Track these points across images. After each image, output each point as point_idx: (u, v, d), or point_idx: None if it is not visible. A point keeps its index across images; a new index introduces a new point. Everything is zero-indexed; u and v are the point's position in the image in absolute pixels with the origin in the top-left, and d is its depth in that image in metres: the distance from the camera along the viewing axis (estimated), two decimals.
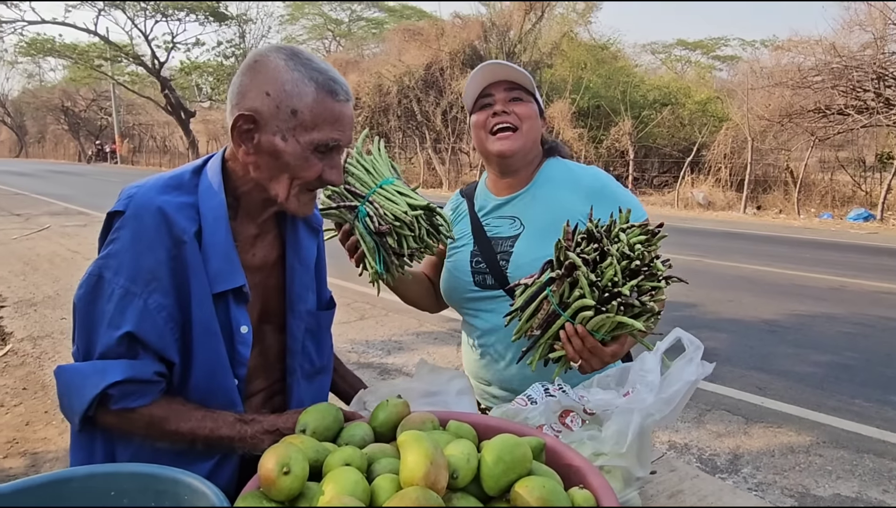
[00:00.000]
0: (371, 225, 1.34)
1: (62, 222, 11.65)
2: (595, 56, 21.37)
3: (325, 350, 1.26)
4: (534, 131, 1.45)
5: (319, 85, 1.02)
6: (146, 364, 1.01)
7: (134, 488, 0.87)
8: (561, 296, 1.14)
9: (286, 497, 0.71)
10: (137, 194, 1.03)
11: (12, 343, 4.74)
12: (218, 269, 1.03)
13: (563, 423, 1.04)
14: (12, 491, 0.83)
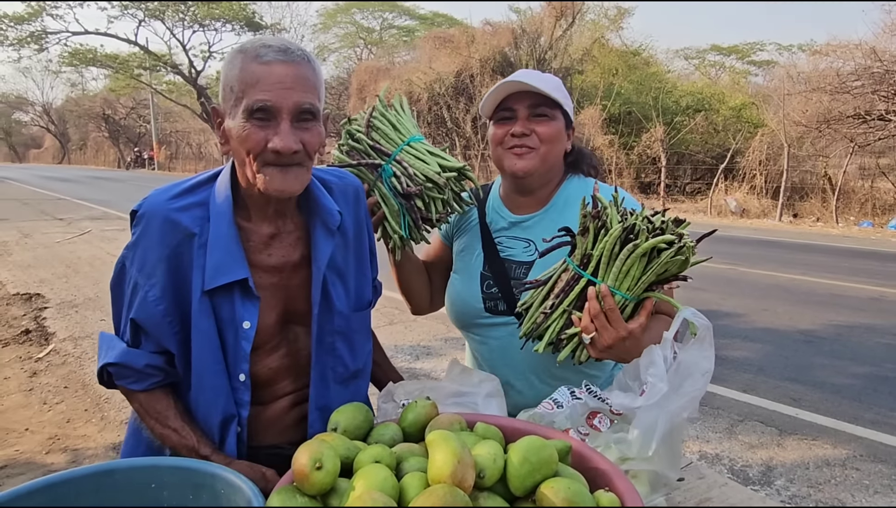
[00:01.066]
0: (399, 186, 1.29)
1: (102, 226, 11.98)
2: (626, 62, 21.22)
3: (360, 354, 1.24)
4: (555, 152, 1.38)
5: (246, 53, 1.03)
6: (140, 355, 1.09)
7: (174, 481, 0.91)
8: (583, 253, 1.13)
9: (318, 491, 0.74)
10: (151, 196, 1.11)
11: (55, 343, 4.90)
12: (218, 262, 1.06)
13: (591, 425, 1.04)
14: (60, 481, 0.87)
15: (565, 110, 1.39)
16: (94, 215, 13.86)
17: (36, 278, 7.22)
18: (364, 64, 27.65)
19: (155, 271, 1.06)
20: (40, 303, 6.15)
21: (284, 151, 1.02)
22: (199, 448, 1.08)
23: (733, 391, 3.82)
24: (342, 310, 1.19)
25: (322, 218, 1.15)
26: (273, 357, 1.14)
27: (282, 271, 1.14)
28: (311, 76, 1.05)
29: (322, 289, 1.15)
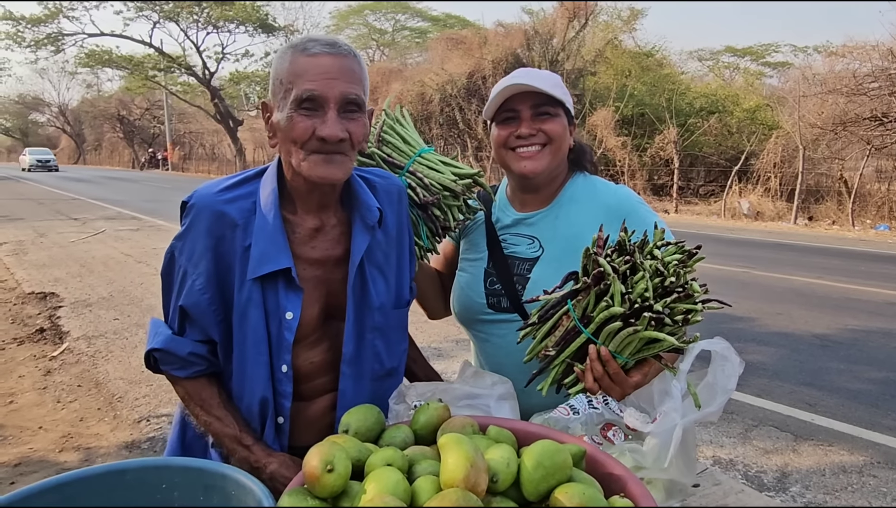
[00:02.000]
0: (415, 197, 1.29)
1: (116, 226, 12.08)
2: (640, 63, 21.13)
3: (396, 352, 1.24)
4: (563, 150, 1.38)
5: (294, 48, 1.06)
6: (184, 343, 1.11)
7: (184, 481, 0.90)
8: (584, 310, 1.08)
9: (329, 493, 0.73)
10: (201, 189, 1.13)
11: (68, 342, 4.94)
12: (263, 252, 1.07)
13: (605, 436, 1.03)
14: (73, 480, 0.87)
15: (567, 108, 1.38)
16: (108, 215, 13.99)
17: (51, 278, 7.29)
18: (376, 65, 27.72)
19: (202, 261, 1.09)
20: (55, 302, 6.21)
21: (331, 139, 1.04)
22: (242, 438, 1.09)
23: (748, 395, 3.78)
24: (381, 306, 1.19)
25: (361, 214, 1.16)
26: (315, 351, 1.15)
27: (324, 265, 1.15)
28: (357, 69, 1.08)
29: (361, 284, 1.16)
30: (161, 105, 41.17)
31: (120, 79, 42.18)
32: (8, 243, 9.95)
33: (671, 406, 0.99)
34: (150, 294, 6.37)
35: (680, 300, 1.07)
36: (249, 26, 31.50)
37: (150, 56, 33.21)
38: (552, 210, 1.40)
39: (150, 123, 46.69)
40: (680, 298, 1.07)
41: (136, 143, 48.42)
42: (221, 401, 1.12)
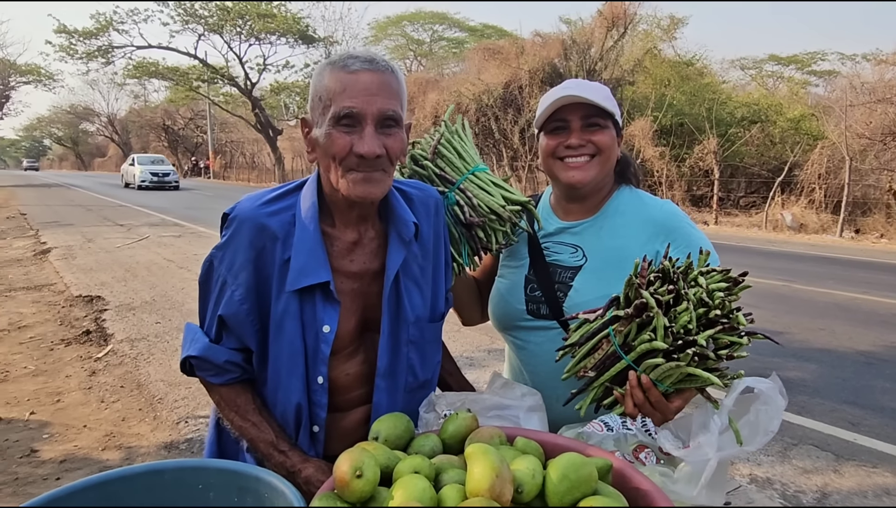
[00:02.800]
0: (461, 215, 1.29)
1: (160, 232, 12.42)
2: (679, 72, 20.84)
3: (430, 364, 1.25)
4: (610, 161, 1.39)
5: (333, 64, 1.07)
6: (221, 351, 1.13)
7: (219, 482, 0.93)
8: (626, 337, 1.08)
9: (358, 499, 0.75)
10: (242, 201, 1.15)
11: (113, 344, 5.10)
12: (302, 265, 1.09)
13: (637, 457, 1.02)
14: (115, 478, 0.91)
15: (616, 120, 1.39)
16: (152, 222, 14.39)
17: (97, 281, 7.54)
18: (413, 76, 27.96)
19: (242, 272, 1.11)
20: (100, 305, 6.42)
21: (368, 155, 1.05)
22: (278, 443, 1.11)
23: (787, 412, 3.68)
24: (417, 319, 1.20)
25: (397, 228, 1.17)
26: (351, 363, 1.17)
27: (362, 278, 1.17)
28: (395, 85, 1.09)
29: (396, 298, 1.18)
30: (204, 115, 42.27)
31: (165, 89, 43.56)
32: (58, 247, 10.32)
33: (707, 440, 0.98)
34: (190, 299, 6.53)
35: (724, 332, 1.06)
36: (290, 38, 32.16)
37: (194, 67, 34.17)
38: (597, 221, 1.41)
39: (194, 132, 47.98)
40: (725, 329, 1.06)
41: (180, 151, 49.74)
42: (256, 407, 1.15)
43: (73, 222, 14.26)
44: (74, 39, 30.00)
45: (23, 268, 8.65)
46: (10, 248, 10.56)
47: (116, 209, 17.90)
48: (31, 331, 5.53)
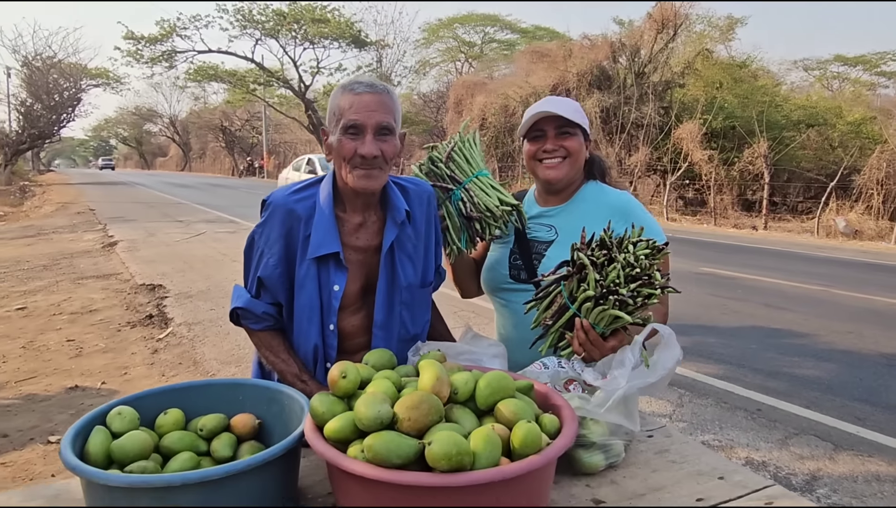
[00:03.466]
0: (463, 209, 1.61)
1: (215, 228, 13.12)
2: (732, 75, 20.46)
3: (419, 322, 1.58)
4: (579, 161, 1.72)
5: (344, 87, 1.41)
6: (259, 304, 1.48)
7: (254, 395, 1.27)
8: (571, 292, 1.39)
9: (343, 394, 1.07)
10: (277, 191, 1.52)
11: (172, 327, 5.60)
12: (320, 239, 1.43)
13: (567, 388, 1.31)
14: (183, 387, 1.27)
15: (584, 129, 1.72)
16: (208, 219, 15.17)
17: (158, 272, 8.14)
18: (461, 79, 28.28)
19: (275, 244, 1.46)
20: (161, 293, 6.97)
21: (368, 156, 1.38)
22: (301, 375, 1.45)
23: (795, 406, 3.84)
24: (409, 285, 1.53)
25: (392, 213, 1.49)
26: (355, 317, 1.51)
27: (366, 252, 1.50)
28: (389, 102, 1.42)
29: (391, 267, 1.51)
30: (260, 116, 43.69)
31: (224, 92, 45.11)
32: (124, 240, 11.08)
33: (621, 373, 1.26)
34: None
35: (644, 286, 1.35)
36: (343, 42, 32.98)
37: (251, 71, 35.40)
38: (568, 207, 1.75)
39: (250, 133, 49.56)
40: (644, 284, 1.35)
41: (236, 152, 51.47)
42: (285, 348, 1.50)
43: (136, 218, 15.16)
44: (141, 45, 31.53)
45: (92, 259, 9.37)
46: (81, 240, 11.39)
47: (176, 206, 18.86)
48: (100, 314, 6.10)
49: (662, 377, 1.23)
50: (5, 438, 3.39)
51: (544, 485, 1.00)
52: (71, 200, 22.10)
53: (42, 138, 35.31)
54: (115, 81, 39.02)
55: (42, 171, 53.49)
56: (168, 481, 0.94)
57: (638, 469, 1.25)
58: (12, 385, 4.18)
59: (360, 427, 0.96)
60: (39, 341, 5.19)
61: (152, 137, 74.17)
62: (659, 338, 1.29)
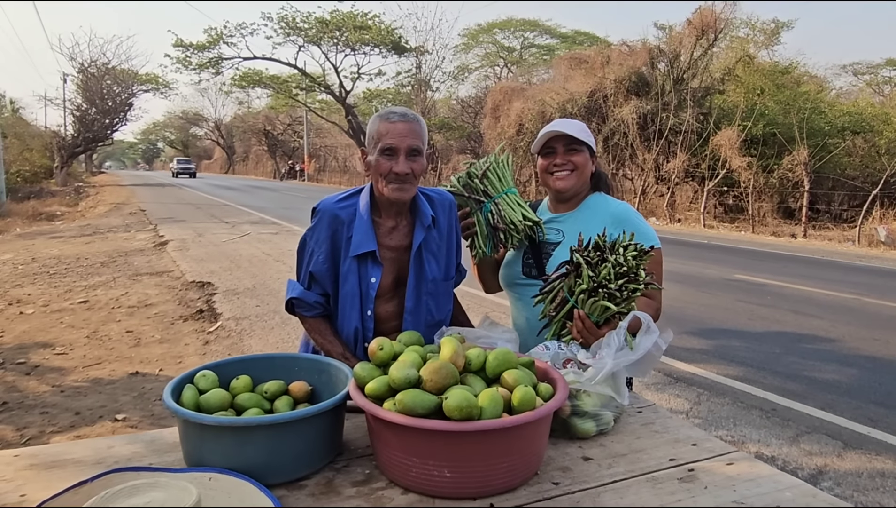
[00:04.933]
0: (491, 220, 1.90)
1: (259, 229, 13.65)
2: (774, 81, 20.17)
3: (443, 310, 1.87)
4: (585, 174, 1.98)
5: (381, 116, 1.70)
6: (311, 295, 1.78)
7: (307, 367, 1.56)
8: (570, 287, 1.65)
9: (380, 362, 1.34)
10: (325, 199, 1.82)
11: (221, 321, 6.00)
12: (359, 240, 1.72)
13: (564, 366, 1.57)
14: (250, 359, 1.56)
15: (590, 146, 1.99)
16: (252, 220, 15.74)
17: (207, 270, 8.61)
18: (500, 84, 28.48)
19: (324, 244, 1.75)
20: (210, 290, 7.41)
21: (401, 173, 1.67)
22: (345, 353, 1.73)
23: (810, 407, 3.98)
24: (433, 278, 1.82)
25: (420, 218, 1.79)
26: (389, 305, 1.80)
27: (397, 251, 1.80)
28: (418, 129, 1.71)
29: (419, 264, 1.80)
30: (301, 121, 44.71)
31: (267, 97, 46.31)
32: (174, 240, 11.66)
33: (607, 353, 1.51)
34: (284, 288, 7.39)
35: (630, 282, 1.60)
36: (383, 48, 33.58)
37: (293, 76, 36.30)
38: (574, 214, 2.02)
39: (291, 137, 50.72)
40: (630, 281, 1.60)
41: (278, 155, 52.70)
42: (332, 331, 1.79)
43: (185, 219, 15.83)
44: (189, 52, 32.69)
45: (146, 257, 9.93)
46: (135, 239, 12.02)
47: (222, 208, 19.56)
48: (155, 308, 6.54)
49: (643, 356, 1.48)
50: (77, 415, 3.78)
51: (538, 437, 1.26)
52: (123, 200, 23.09)
53: (96, 141, 36.83)
54: (163, 87, 40.47)
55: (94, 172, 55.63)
56: (247, 422, 1.23)
57: (624, 436, 1.50)
58: (80, 370, 4.61)
59: (393, 387, 1.24)
60: (102, 331, 5.64)
61: (198, 140, 76.43)
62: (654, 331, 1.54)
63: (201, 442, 1.25)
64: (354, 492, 1.23)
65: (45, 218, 16.73)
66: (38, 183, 26.05)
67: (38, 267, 8.89)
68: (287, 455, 1.24)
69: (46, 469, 1.30)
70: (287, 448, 1.24)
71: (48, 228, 14.58)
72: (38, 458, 1.35)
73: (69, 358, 4.88)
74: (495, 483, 1.20)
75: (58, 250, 10.52)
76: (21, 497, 1.18)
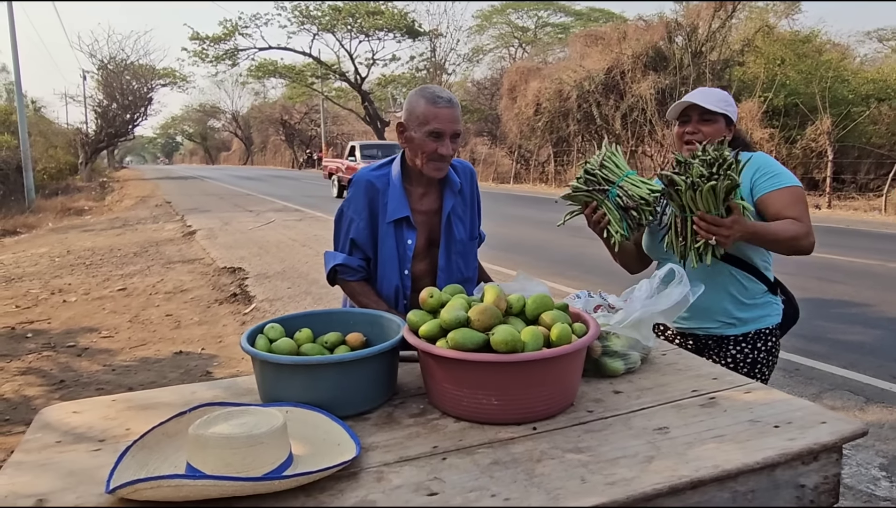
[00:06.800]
0: (621, 202, 1.97)
1: (283, 217, 13.90)
2: (795, 50, 19.88)
3: (470, 267, 2.04)
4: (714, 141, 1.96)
5: (427, 98, 1.82)
6: (354, 260, 1.94)
7: (362, 320, 1.72)
8: (679, 206, 1.79)
9: (431, 309, 1.50)
10: (360, 171, 1.99)
11: (255, 303, 6.22)
12: (394, 207, 1.89)
13: (595, 311, 1.71)
14: (312, 313, 1.73)
15: (727, 116, 2.01)
16: (276, 208, 16.01)
17: (237, 256, 8.86)
18: (515, 65, 28.38)
19: (363, 211, 1.92)
20: (242, 275, 7.65)
21: (447, 155, 1.84)
22: (389, 311, 1.88)
23: (833, 366, 4.08)
24: (461, 239, 2.00)
25: (449, 185, 1.96)
26: (423, 264, 1.98)
27: (428, 214, 1.97)
28: (459, 114, 1.87)
29: (448, 226, 1.97)
30: (318, 109, 44.88)
31: (283, 87, 46.61)
32: (202, 229, 11.95)
33: (638, 297, 1.66)
34: (313, 270, 7.62)
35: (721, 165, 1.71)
36: (397, 33, 33.58)
37: (309, 65, 36.48)
38: None
39: (308, 126, 51.00)
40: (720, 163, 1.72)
41: (296, 144, 53.06)
42: (375, 292, 1.96)
43: (210, 209, 16.15)
44: (206, 45, 33.00)
45: (176, 246, 10.22)
46: (164, 230, 12.34)
47: (245, 197, 19.89)
48: (191, 293, 6.80)
49: (670, 306, 1.62)
50: (131, 391, 4.02)
51: (573, 370, 1.41)
52: (148, 193, 23.54)
53: (118, 137, 37.44)
54: (181, 80, 40.90)
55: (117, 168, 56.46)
56: (318, 360, 1.40)
57: (650, 373, 1.64)
58: (127, 351, 4.86)
59: (444, 327, 1.39)
60: (143, 315, 5.90)
61: (216, 132, 77.12)
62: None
63: (277, 381, 1.42)
64: (413, 422, 1.39)
65: (75, 213, 17.18)
66: (63, 180, 26.63)
67: (73, 259, 9.22)
68: (352, 391, 1.41)
69: (142, 409, 1.48)
70: (351, 384, 1.41)
71: (79, 222, 14.99)
72: (132, 402, 1.54)
73: (115, 341, 5.14)
74: (537, 409, 1.36)
75: (91, 243, 10.86)
76: (126, 429, 1.37)
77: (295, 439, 1.27)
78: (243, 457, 1.12)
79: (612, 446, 1.25)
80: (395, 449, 1.26)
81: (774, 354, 2.07)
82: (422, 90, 1.87)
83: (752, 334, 2.01)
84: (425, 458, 1.23)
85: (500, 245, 8.23)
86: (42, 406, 1.60)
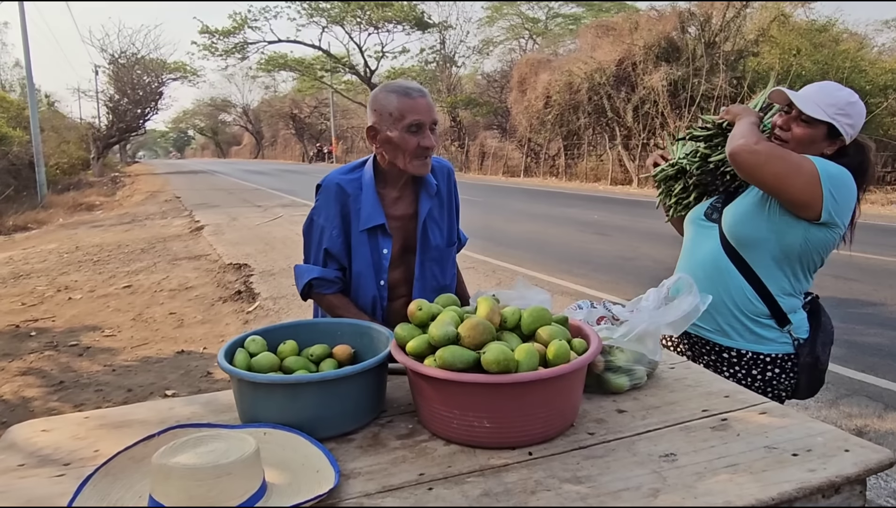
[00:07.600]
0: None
1: (291, 212, 13.84)
2: (811, 40, 19.52)
3: (447, 275, 1.93)
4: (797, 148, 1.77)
5: (398, 93, 1.70)
6: (329, 272, 1.82)
7: (349, 331, 1.62)
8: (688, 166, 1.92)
9: (419, 322, 1.40)
10: (328, 175, 1.86)
11: (259, 301, 6.16)
12: (368, 213, 1.78)
13: (598, 323, 1.61)
14: (297, 324, 1.63)
15: (829, 123, 1.72)
16: (284, 203, 15.96)
17: (243, 253, 8.80)
18: (525, 57, 28.12)
19: (335, 219, 1.80)
20: (247, 271, 7.59)
21: (431, 147, 1.72)
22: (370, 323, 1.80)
23: (851, 370, 3.94)
24: (437, 246, 1.88)
25: (426, 187, 1.84)
26: (397, 271, 1.86)
27: (403, 220, 1.84)
28: (433, 103, 1.76)
29: (424, 231, 1.86)
30: (328, 103, 44.85)
31: (293, 80, 46.58)
32: (209, 225, 11.91)
33: (645, 308, 1.55)
34: None
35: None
36: (406, 25, 33.40)
37: (318, 58, 36.39)
38: None
39: (318, 120, 50.96)
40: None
41: (306, 138, 53.04)
42: (354, 304, 1.85)
43: (218, 204, 16.13)
44: (215, 38, 32.99)
45: (183, 242, 10.18)
46: (172, 226, 12.32)
47: (253, 192, 19.87)
48: (195, 291, 6.74)
49: (679, 317, 1.51)
50: (130, 392, 3.96)
51: (572, 389, 1.31)
52: (158, 189, 23.60)
53: (129, 131, 37.58)
54: (191, 74, 40.89)
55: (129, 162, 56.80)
56: (297, 380, 1.30)
57: (657, 389, 1.54)
58: (129, 350, 4.80)
59: (433, 344, 1.29)
60: (146, 314, 5.85)
61: (227, 126, 77.28)
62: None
63: (255, 401, 1.33)
64: (399, 444, 1.29)
65: (85, 208, 17.24)
66: (75, 175, 26.74)
67: (81, 255, 9.20)
68: (335, 410, 1.32)
69: (115, 428, 1.40)
70: (334, 404, 1.31)
71: (89, 217, 15.03)
72: (106, 419, 1.45)
73: (118, 339, 5.09)
74: (533, 432, 1.25)
75: (99, 239, 10.85)
76: (95, 451, 1.28)
77: (271, 464, 1.18)
78: (208, 489, 1.03)
79: (613, 475, 1.15)
80: (378, 477, 1.17)
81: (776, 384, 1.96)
82: (385, 87, 1.75)
83: (747, 357, 1.89)
84: (410, 488, 1.13)
85: (508, 242, 8.11)
86: (40, 408, 1.52)
